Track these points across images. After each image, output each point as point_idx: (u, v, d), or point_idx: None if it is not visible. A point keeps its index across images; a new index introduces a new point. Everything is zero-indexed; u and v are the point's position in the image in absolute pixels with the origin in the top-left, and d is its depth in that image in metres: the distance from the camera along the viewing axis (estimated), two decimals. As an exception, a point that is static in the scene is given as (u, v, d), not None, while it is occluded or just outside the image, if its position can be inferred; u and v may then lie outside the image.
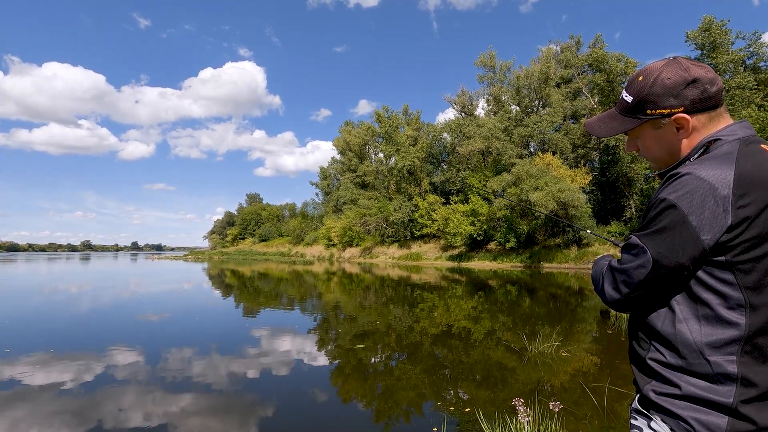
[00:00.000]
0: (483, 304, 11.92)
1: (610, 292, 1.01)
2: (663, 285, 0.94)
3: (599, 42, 34.07)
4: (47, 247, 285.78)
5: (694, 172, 0.90)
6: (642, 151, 1.10)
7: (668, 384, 0.93)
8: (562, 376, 5.08)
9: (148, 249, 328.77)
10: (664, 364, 0.94)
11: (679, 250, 0.89)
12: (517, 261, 30.68)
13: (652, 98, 1.00)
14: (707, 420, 0.87)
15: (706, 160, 0.94)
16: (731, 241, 0.87)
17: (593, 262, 1.20)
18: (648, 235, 0.94)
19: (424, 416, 4.00)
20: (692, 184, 0.89)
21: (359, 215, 43.57)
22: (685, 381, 0.90)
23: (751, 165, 0.90)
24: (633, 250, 0.97)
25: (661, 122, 1.01)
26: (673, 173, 0.94)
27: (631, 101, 1.04)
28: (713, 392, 0.87)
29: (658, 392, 0.95)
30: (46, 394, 4.49)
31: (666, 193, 0.92)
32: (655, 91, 0.99)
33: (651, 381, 0.97)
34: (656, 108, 1.00)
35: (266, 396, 4.52)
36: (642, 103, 1.02)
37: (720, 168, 0.89)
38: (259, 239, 72.03)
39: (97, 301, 12.78)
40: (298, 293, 15.44)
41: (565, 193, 27.01)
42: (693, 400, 0.89)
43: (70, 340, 7.08)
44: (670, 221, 0.90)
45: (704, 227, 0.87)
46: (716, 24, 27.09)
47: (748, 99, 25.91)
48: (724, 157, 0.92)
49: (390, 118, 46.62)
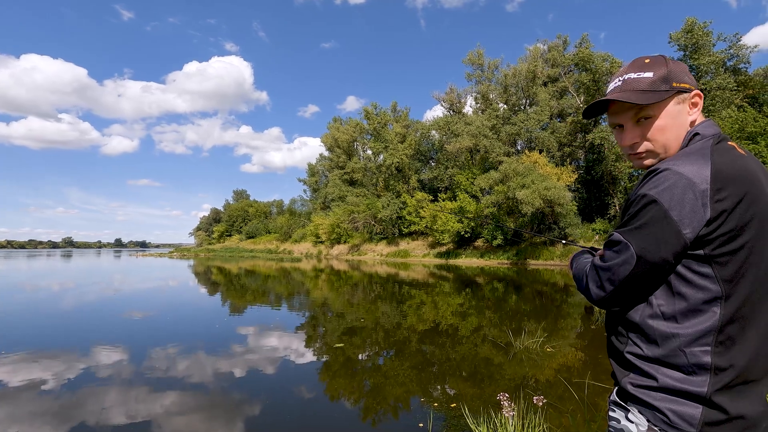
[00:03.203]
0: (470, 300, 12.02)
1: (595, 290, 1.01)
2: (646, 280, 0.95)
3: (585, 42, 34.51)
4: (27, 243, 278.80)
5: (673, 167, 0.92)
6: (651, 137, 1.03)
7: (645, 376, 0.95)
8: (546, 371, 5.17)
9: (132, 246, 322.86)
10: (641, 357, 0.96)
11: (662, 244, 0.90)
12: (503, 258, 30.99)
13: (675, 72, 1.01)
14: (682, 411, 0.90)
15: (682, 156, 0.96)
16: (710, 235, 0.89)
17: (570, 260, 1.21)
18: (630, 231, 0.94)
19: (411, 412, 4.03)
20: (672, 179, 0.90)
21: (347, 212, 43.43)
22: (661, 373, 0.92)
23: (725, 161, 0.92)
24: (616, 247, 0.97)
25: (683, 96, 1.02)
26: (652, 169, 0.96)
27: (653, 76, 1.01)
28: (688, 383, 0.90)
29: (635, 384, 0.97)
30: (27, 393, 4.40)
31: (646, 189, 0.93)
32: (675, 68, 1.02)
33: (629, 374, 0.99)
34: (681, 82, 1.01)
35: (253, 394, 4.49)
36: (667, 77, 1.01)
37: (696, 164, 0.91)
38: (246, 236, 71.30)
39: (79, 299, 12.53)
40: (285, 290, 15.36)
41: (551, 191, 27.32)
42: (669, 391, 0.91)
43: (52, 339, 6.93)
44: (652, 216, 0.91)
45: (685, 221, 0.88)
46: (698, 26, 27.64)
47: (728, 100, 26.53)
48: (699, 153, 0.94)
49: (378, 115, 46.52)
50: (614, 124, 1.10)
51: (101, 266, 33.04)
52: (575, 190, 33.86)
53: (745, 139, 20.48)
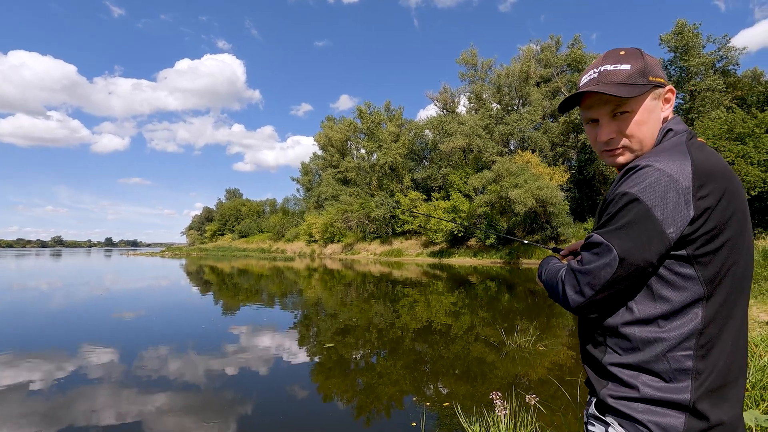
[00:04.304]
0: (463, 299, 12.06)
1: (573, 296, 0.93)
2: (627, 284, 0.89)
3: (578, 42, 34.80)
4: (15, 242, 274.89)
5: (653, 164, 0.87)
6: (630, 132, 0.98)
7: (626, 386, 0.90)
8: (539, 370, 5.20)
9: (123, 245, 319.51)
10: (621, 365, 0.91)
11: (646, 245, 0.85)
12: (496, 257, 31.13)
13: (651, 66, 0.97)
14: (665, 422, 0.85)
15: (660, 152, 0.92)
16: (693, 234, 0.85)
17: (539, 268, 1.13)
18: (612, 232, 0.88)
19: (404, 411, 4.03)
20: (653, 176, 0.85)
21: (341, 211, 43.36)
22: (641, 382, 0.88)
23: (703, 157, 0.89)
24: (596, 249, 0.90)
25: (658, 91, 0.98)
26: (630, 167, 0.90)
27: (630, 68, 0.96)
28: (670, 391, 0.86)
29: (615, 396, 0.91)
30: (14, 394, 4.33)
31: (627, 187, 0.87)
32: (651, 61, 0.98)
33: (608, 384, 0.93)
34: (657, 76, 0.97)
35: (246, 394, 4.47)
36: (645, 70, 0.96)
37: (676, 160, 0.87)
38: (239, 235, 70.87)
39: (69, 298, 12.37)
40: (278, 290, 15.29)
41: (544, 191, 27.50)
42: (651, 401, 0.87)
43: (40, 340, 6.84)
44: (635, 215, 0.85)
45: (668, 221, 0.84)
46: (689, 27, 27.94)
47: (717, 101, 26.88)
48: (677, 149, 0.90)
49: (372, 114, 46.44)
50: (588, 118, 1.04)
51: (92, 266, 32.65)
52: (567, 190, 34.12)
53: (733, 139, 20.76)
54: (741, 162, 19.64)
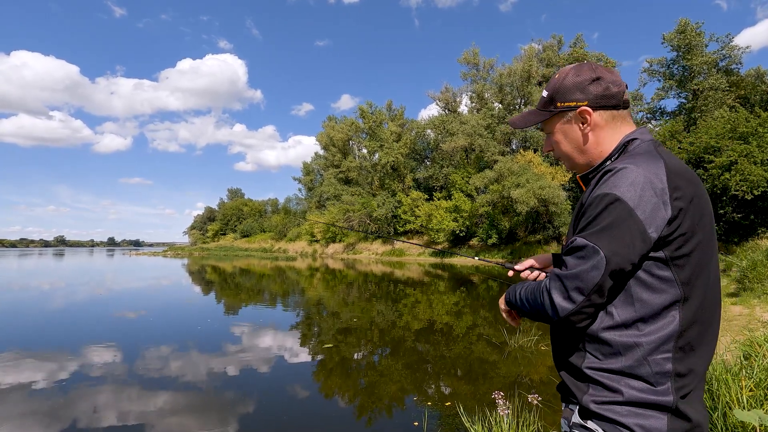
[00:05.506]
0: (465, 299, 12.04)
1: (561, 303, 0.88)
2: (611, 286, 0.88)
3: (580, 42, 34.72)
4: (18, 242, 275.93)
5: (630, 165, 0.88)
6: (555, 149, 1.12)
7: (609, 390, 0.88)
8: (541, 370, 5.19)
9: (125, 245, 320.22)
10: (603, 370, 0.90)
11: (631, 245, 0.84)
12: (498, 257, 31.09)
13: (561, 92, 1.04)
14: (649, 424, 0.85)
15: (633, 156, 0.94)
16: (670, 235, 0.86)
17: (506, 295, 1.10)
18: (596, 233, 0.86)
19: (406, 410, 4.03)
20: (632, 177, 0.86)
21: (342, 211, 43.39)
22: (625, 385, 0.87)
23: (674, 161, 0.92)
24: (580, 252, 0.88)
25: (569, 115, 1.05)
26: (608, 169, 0.91)
27: (546, 95, 1.08)
28: (654, 393, 0.86)
29: (598, 401, 0.89)
30: (16, 394, 4.34)
31: (607, 188, 0.87)
32: (565, 85, 1.04)
33: (589, 390, 0.92)
34: (565, 101, 1.04)
35: (247, 393, 4.47)
36: (554, 97, 1.06)
37: (651, 162, 0.89)
38: (241, 235, 70.98)
39: (72, 297, 12.42)
40: (280, 289, 15.31)
41: (546, 191, 27.46)
42: (635, 404, 0.86)
43: (42, 339, 6.86)
44: (618, 216, 0.85)
45: (649, 221, 0.84)
46: (691, 26, 27.85)
47: (720, 100, 26.78)
48: (649, 154, 0.93)
49: (374, 114, 46.43)
50: None
51: (94, 265, 32.76)
52: (570, 189, 34.01)
53: (737, 139, 20.64)
54: (744, 161, 19.47)
